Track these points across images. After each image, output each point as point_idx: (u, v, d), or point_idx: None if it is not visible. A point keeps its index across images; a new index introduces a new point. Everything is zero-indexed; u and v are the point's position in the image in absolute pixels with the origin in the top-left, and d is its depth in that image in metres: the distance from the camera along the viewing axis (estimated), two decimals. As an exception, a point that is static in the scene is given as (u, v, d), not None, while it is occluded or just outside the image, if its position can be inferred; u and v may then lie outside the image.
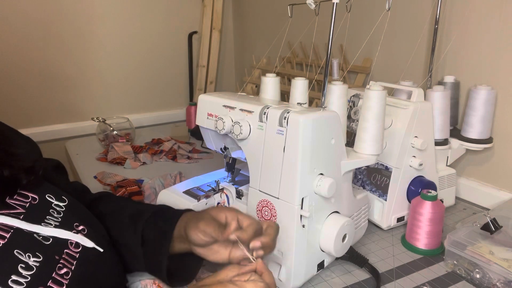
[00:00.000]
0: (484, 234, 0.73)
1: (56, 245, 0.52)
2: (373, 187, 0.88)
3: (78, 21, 1.59)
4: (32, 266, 0.47)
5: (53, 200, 0.57)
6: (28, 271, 0.46)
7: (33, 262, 0.48)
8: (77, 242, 0.54)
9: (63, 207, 0.57)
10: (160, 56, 1.81)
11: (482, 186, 0.99)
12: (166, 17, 1.78)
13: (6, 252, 0.46)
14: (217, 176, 0.85)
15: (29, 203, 0.53)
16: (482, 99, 0.91)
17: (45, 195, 0.56)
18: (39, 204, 0.55)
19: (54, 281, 0.48)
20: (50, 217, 0.54)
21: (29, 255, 0.48)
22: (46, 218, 0.54)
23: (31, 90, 1.56)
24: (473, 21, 0.96)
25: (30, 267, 0.47)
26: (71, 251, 0.53)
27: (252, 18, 1.83)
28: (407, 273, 0.72)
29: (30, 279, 0.46)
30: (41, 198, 0.55)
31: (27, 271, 0.46)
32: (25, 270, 0.46)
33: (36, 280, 0.46)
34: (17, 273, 0.45)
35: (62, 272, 0.50)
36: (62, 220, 0.55)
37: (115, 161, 1.27)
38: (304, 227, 0.64)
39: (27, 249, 0.48)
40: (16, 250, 0.47)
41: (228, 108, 0.72)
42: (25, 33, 1.51)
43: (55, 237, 0.52)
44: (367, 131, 0.71)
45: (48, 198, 0.56)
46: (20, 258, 0.47)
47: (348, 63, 1.27)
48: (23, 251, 0.48)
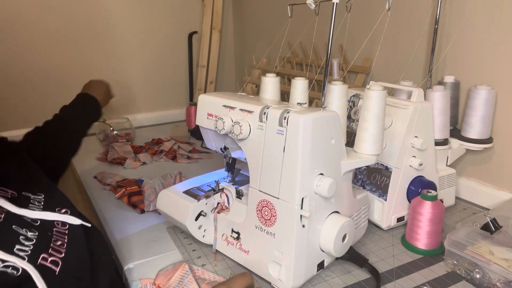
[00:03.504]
0: (484, 234, 0.73)
1: (45, 225, 0.56)
2: (373, 187, 0.88)
3: (78, 21, 1.59)
4: (31, 238, 0.51)
5: (30, 194, 0.60)
6: (29, 241, 0.51)
7: (31, 235, 0.52)
8: (64, 221, 0.59)
9: (42, 198, 0.61)
10: (160, 56, 1.81)
11: (482, 186, 0.99)
12: (166, 17, 1.77)
13: (5, 227, 0.51)
14: (217, 176, 0.85)
15: (11, 195, 0.57)
16: (482, 99, 0.91)
17: (21, 192, 0.60)
18: (19, 197, 0.58)
19: (53, 249, 0.53)
20: (32, 205, 0.58)
21: (26, 230, 0.52)
22: (29, 205, 0.57)
23: (31, 90, 1.56)
24: (473, 21, 0.96)
25: (29, 238, 0.51)
26: (59, 229, 0.57)
27: (252, 18, 1.83)
28: (407, 273, 0.72)
29: (33, 248, 0.50)
30: (19, 194, 0.59)
31: (28, 241, 0.51)
32: (26, 241, 0.51)
33: (37, 248, 0.50)
34: (19, 243, 0.49)
35: (58, 243, 0.54)
36: (44, 206, 0.59)
37: (115, 161, 1.27)
38: (304, 227, 0.64)
39: (23, 226, 0.52)
40: (14, 226, 0.51)
41: (228, 108, 0.72)
42: (25, 33, 1.51)
43: (42, 219, 0.56)
44: (367, 131, 0.71)
45: (24, 194, 0.60)
46: (19, 231, 0.51)
47: (348, 63, 1.27)
48: (20, 227, 0.52)
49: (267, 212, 0.67)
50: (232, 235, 0.74)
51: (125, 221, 0.91)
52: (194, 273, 0.70)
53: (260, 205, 0.68)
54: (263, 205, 0.68)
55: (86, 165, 1.28)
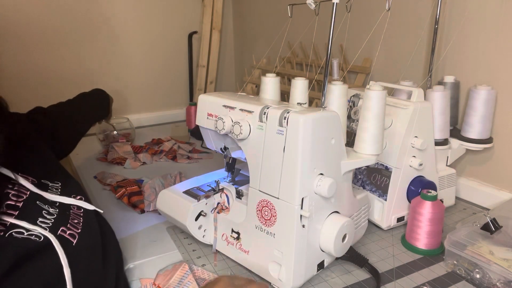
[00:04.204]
0: (484, 234, 0.73)
1: (63, 207, 0.62)
2: (373, 187, 0.88)
3: (78, 21, 1.59)
4: (53, 213, 0.58)
5: (48, 182, 0.65)
6: (50, 216, 0.57)
7: (53, 211, 0.58)
8: (79, 206, 0.64)
9: (59, 186, 0.66)
10: (160, 56, 1.81)
11: (482, 186, 0.99)
12: (166, 17, 1.78)
13: (30, 202, 0.57)
14: (217, 176, 0.85)
15: (31, 181, 0.61)
16: (482, 99, 0.91)
17: (40, 180, 0.64)
18: (39, 184, 0.63)
19: (71, 225, 0.59)
20: (50, 191, 0.64)
21: (48, 206, 0.59)
22: (48, 190, 0.63)
23: (31, 90, 1.56)
24: (473, 21, 0.96)
25: (51, 213, 0.58)
26: (75, 211, 0.63)
27: (252, 18, 1.83)
28: (407, 273, 0.72)
29: (54, 221, 0.56)
30: (39, 181, 0.64)
31: (50, 216, 0.57)
32: (48, 215, 0.57)
33: (58, 221, 0.57)
34: (42, 216, 0.56)
35: (75, 221, 0.61)
36: (61, 193, 0.65)
37: (115, 161, 1.27)
38: (304, 227, 0.64)
39: (45, 203, 0.59)
40: (38, 202, 0.58)
41: (228, 108, 0.72)
42: (26, 33, 1.51)
43: (60, 202, 0.62)
44: (367, 131, 0.71)
45: (43, 181, 0.65)
46: (42, 207, 0.58)
47: (348, 63, 1.28)
48: (43, 203, 0.58)
49: (267, 212, 0.67)
50: (232, 235, 0.74)
51: (125, 221, 0.91)
52: (194, 273, 0.70)
53: (260, 205, 0.68)
54: (263, 205, 0.68)
55: (86, 165, 1.28)
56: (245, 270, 0.73)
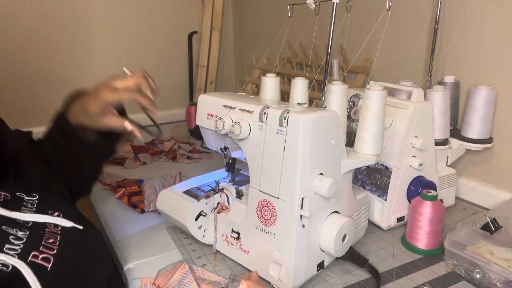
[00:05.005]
0: (484, 234, 0.73)
1: (37, 226, 0.55)
2: (373, 187, 0.88)
3: (79, 21, 1.59)
4: (21, 237, 0.51)
5: (24, 196, 0.59)
6: (19, 241, 0.50)
7: (21, 235, 0.52)
8: (56, 223, 0.57)
9: (35, 200, 0.60)
10: (160, 56, 1.81)
11: (482, 186, 0.99)
12: (166, 17, 1.77)
13: None
14: (217, 176, 0.85)
15: (3, 199, 0.56)
16: (482, 99, 0.91)
17: (15, 193, 0.58)
18: (12, 199, 0.57)
19: (44, 247, 0.52)
20: (25, 208, 0.57)
21: (17, 230, 0.52)
22: (22, 208, 0.56)
23: (32, 90, 1.56)
24: (473, 21, 0.96)
25: (20, 238, 0.51)
26: (51, 230, 0.56)
27: (252, 18, 1.83)
28: (407, 273, 0.72)
29: (23, 246, 0.50)
30: (13, 195, 0.58)
31: (18, 241, 0.50)
32: (16, 240, 0.50)
33: (28, 246, 0.50)
34: (9, 242, 0.49)
35: (51, 241, 0.54)
36: (37, 209, 0.58)
37: (115, 161, 1.27)
38: (304, 227, 0.64)
39: (13, 226, 0.52)
40: (4, 226, 0.51)
41: (228, 108, 0.72)
42: (26, 33, 1.51)
43: (34, 221, 0.55)
44: (367, 131, 0.71)
45: (18, 195, 0.58)
46: (9, 231, 0.51)
47: (348, 63, 1.27)
48: (10, 227, 0.51)
49: (267, 212, 0.67)
50: (232, 235, 0.74)
51: (125, 221, 0.91)
52: (194, 273, 0.70)
53: (260, 205, 0.68)
54: (263, 205, 0.68)
55: (86, 165, 1.27)
56: (245, 270, 0.73)
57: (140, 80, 0.69)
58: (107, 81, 0.65)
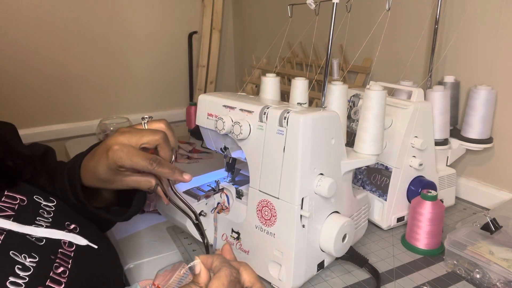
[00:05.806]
0: (484, 234, 0.73)
1: (50, 246, 0.51)
2: (373, 187, 0.88)
3: (80, 21, 1.59)
4: (29, 267, 0.47)
5: (42, 201, 0.56)
6: (25, 272, 0.46)
7: (29, 263, 0.47)
8: (70, 241, 0.54)
9: (52, 207, 0.56)
10: (160, 56, 1.81)
11: (482, 186, 0.99)
12: (166, 17, 1.78)
13: (1, 254, 0.46)
14: (217, 176, 0.85)
15: (18, 205, 0.53)
16: (482, 99, 0.91)
17: (32, 197, 0.55)
18: (28, 205, 0.54)
19: (52, 280, 0.48)
20: (40, 218, 0.54)
21: (25, 256, 0.47)
22: (37, 219, 0.53)
23: (32, 90, 1.56)
24: (473, 21, 0.96)
25: (27, 267, 0.47)
26: (65, 250, 0.53)
27: (252, 18, 1.83)
28: (407, 273, 0.72)
29: (28, 280, 0.45)
30: (29, 199, 0.55)
31: (24, 272, 0.46)
32: (22, 271, 0.46)
33: (34, 280, 0.46)
34: (14, 274, 0.45)
35: (60, 271, 0.50)
36: (53, 220, 0.55)
37: (115, 161, 1.27)
38: (304, 227, 0.64)
39: (22, 250, 0.48)
40: (12, 252, 0.47)
41: (228, 108, 0.72)
42: (27, 32, 1.51)
43: (48, 238, 0.52)
44: (367, 131, 0.71)
45: (36, 199, 0.56)
46: (16, 259, 0.46)
47: (348, 63, 1.27)
48: (19, 252, 0.47)
49: (267, 212, 0.67)
50: (232, 235, 0.74)
51: (125, 221, 0.91)
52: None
53: (260, 205, 0.68)
54: (263, 205, 0.68)
55: (86, 165, 1.27)
56: (245, 270, 0.73)
57: (161, 139, 0.57)
58: (121, 137, 0.56)
